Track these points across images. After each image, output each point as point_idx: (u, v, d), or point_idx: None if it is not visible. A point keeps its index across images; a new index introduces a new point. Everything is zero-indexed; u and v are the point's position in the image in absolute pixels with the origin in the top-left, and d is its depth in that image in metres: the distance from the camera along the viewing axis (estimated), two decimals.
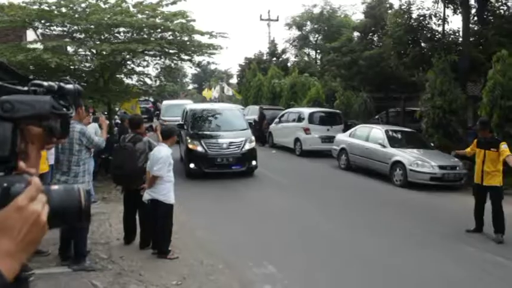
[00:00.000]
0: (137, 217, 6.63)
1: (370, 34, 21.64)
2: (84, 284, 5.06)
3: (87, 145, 5.54)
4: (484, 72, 13.17)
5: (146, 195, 6.06)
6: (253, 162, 12.42)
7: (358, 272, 5.80)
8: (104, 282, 5.14)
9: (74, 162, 5.42)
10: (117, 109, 18.69)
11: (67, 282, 5.06)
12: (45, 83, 1.12)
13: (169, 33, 12.78)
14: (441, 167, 11.60)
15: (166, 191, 6.00)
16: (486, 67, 12.90)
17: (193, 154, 12.17)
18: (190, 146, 12.24)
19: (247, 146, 12.36)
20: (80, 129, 5.48)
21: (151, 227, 6.20)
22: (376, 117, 21.47)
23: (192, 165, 12.11)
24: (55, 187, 1.00)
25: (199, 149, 12.06)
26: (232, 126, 13.19)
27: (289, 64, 34.80)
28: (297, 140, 17.35)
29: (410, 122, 17.55)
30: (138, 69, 14.41)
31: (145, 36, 12.69)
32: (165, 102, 25.30)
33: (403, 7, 16.88)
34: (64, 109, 1.10)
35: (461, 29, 15.51)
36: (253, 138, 12.87)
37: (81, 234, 5.54)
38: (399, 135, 13.69)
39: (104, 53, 11.54)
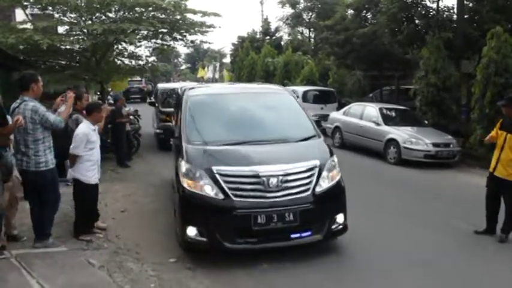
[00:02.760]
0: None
1: (364, 12, 21.43)
2: (80, 263, 5.08)
3: (42, 123, 5.17)
4: (478, 50, 13.12)
5: (69, 174, 5.95)
6: (339, 218, 5.62)
7: (352, 253, 5.83)
8: (101, 260, 5.17)
9: (30, 141, 5.17)
10: (109, 89, 18.56)
11: (63, 261, 5.09)
12: None
13: (161, 11, 12.64)
14: (435, 145, 11.66)
15: (85, 170, 5.77)
16: (480, 44, 12.85)
17: (194, 204, 5.29)
18: (186, 185, 5.34)
19: (327, 181, 5.56)
20: (31, 107, 5.14)
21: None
22: (370, 95, 21.47)
23: (191, 232, 5.22)
24: None
25: (209, 191, 5.20)
26: (284, 131, 6.24)
27: (282, 43, 34.57)
28: None
29: (404, 99, 17.54)
30: (130, 48, 14.27)
31: (137, 15, 12.53)
32: (161, 86, 16.63)
33: None
34: None
35: (455, 6, 15.41)
36: (335, 159, 5.86)
37: (49, 215, 5.51)
38: (393, 113, 13.71)
39: (96, 32, 11.40)
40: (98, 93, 15.95)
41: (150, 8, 12.42)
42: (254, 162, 5.37)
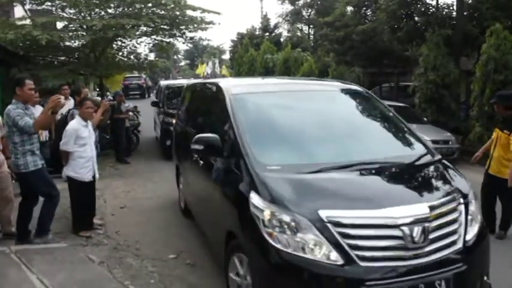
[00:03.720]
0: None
1: (364, 8, 21.44)
2: (80, 258, 5.09)
3: (15, 126, 5.03)
4: (477, 47, 13.13)
5: (63, 172, 5.91)
6: (486, 278, 3.55)
7: None
8: (100, 256, 5.17)
9: (10, 143, 5.23)
10: (108, 87, 18.54)
11: (63, 257, 5.09)
12: None
13: (161, 7, 12.62)
14: (434, 142, 11.59)
15: (78, 167, 5.70)
16: (480, 41, 12.84)
17: (293, 273, 3.07)
18: (274, 242, 3.12)
19: (474, 224, 3.56)
20: (6, 110, 5.11)
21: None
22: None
23: None
24: None
25: (318, 251, 3.03)
26: (389, 149, 4.28)
27: (282, 39, 34.54)
28: None
29: (404, 96, 17.56)
30: (130, 44, 14.25)
31: (136, 11, 12.51)
32: (166, 83, 14.24)
33: None
34: None
35: (455, 3, 15.41)
36: (467, 184, 4.04)
37: (49, 211, 5.49)
38: (392, 110, 13.66)
39: (95, 28, 11.38)
40: (97, 89, 15.95)
41: (150, 4, 12.40)
42: (381, 201, 3.27)
